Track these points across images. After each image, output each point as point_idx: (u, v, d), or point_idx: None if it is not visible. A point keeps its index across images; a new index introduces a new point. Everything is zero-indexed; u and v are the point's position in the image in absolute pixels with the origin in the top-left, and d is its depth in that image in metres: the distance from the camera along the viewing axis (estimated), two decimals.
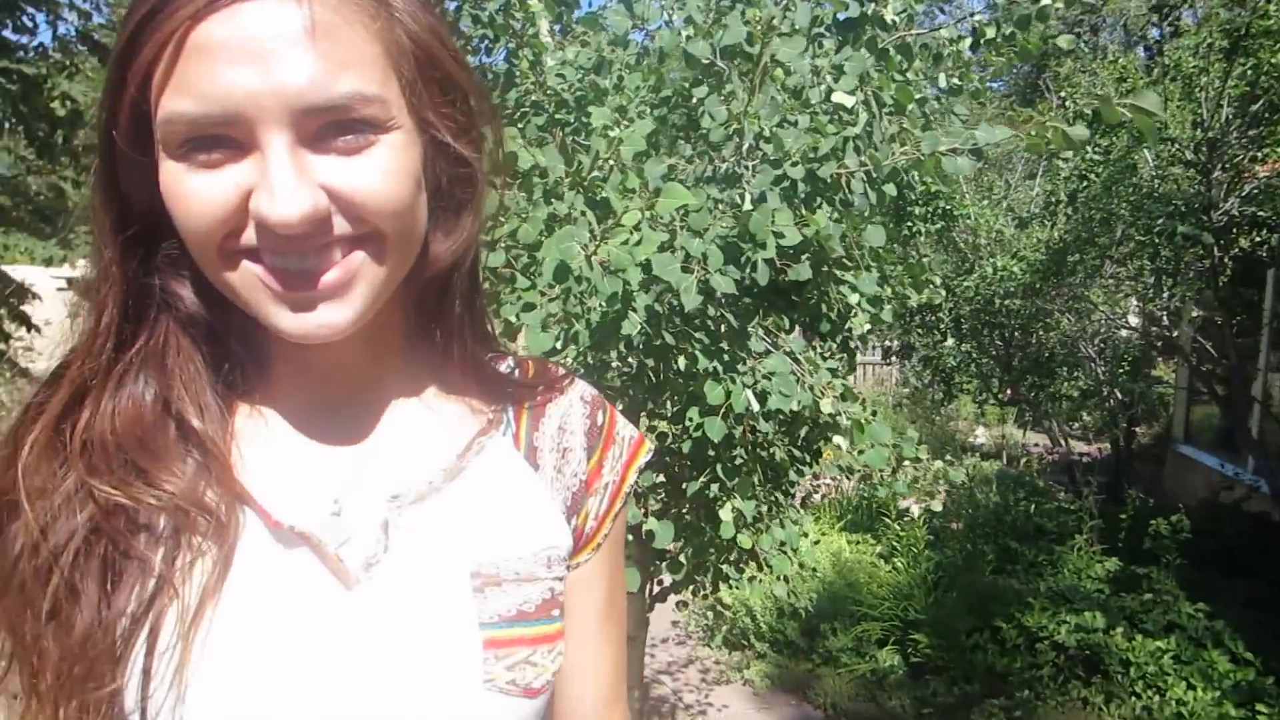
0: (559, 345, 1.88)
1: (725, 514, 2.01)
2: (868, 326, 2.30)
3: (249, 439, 0.67)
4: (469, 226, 0.69)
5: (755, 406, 1.89)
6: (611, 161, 1.74)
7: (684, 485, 2.25)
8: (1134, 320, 7.68)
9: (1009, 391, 7.56)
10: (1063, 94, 6.75)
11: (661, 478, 2.43)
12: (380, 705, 0.61)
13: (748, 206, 1.67)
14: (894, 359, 8.24)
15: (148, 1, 0.55)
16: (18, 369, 6.26)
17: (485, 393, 0.75)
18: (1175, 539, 5.00)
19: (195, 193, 0.56)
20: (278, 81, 0.54)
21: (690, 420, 2.04)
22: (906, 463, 2.17)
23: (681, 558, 2.37)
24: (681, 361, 1.99)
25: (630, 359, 2.21)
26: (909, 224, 4.25)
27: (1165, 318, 6.92)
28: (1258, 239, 5.97)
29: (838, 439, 2.16)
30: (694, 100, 1.90)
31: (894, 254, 2.55)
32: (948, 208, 4.78)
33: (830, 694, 4.51)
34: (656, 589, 2.73)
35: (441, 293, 0.71)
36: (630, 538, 2.26)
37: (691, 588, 2.56)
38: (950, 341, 7.00)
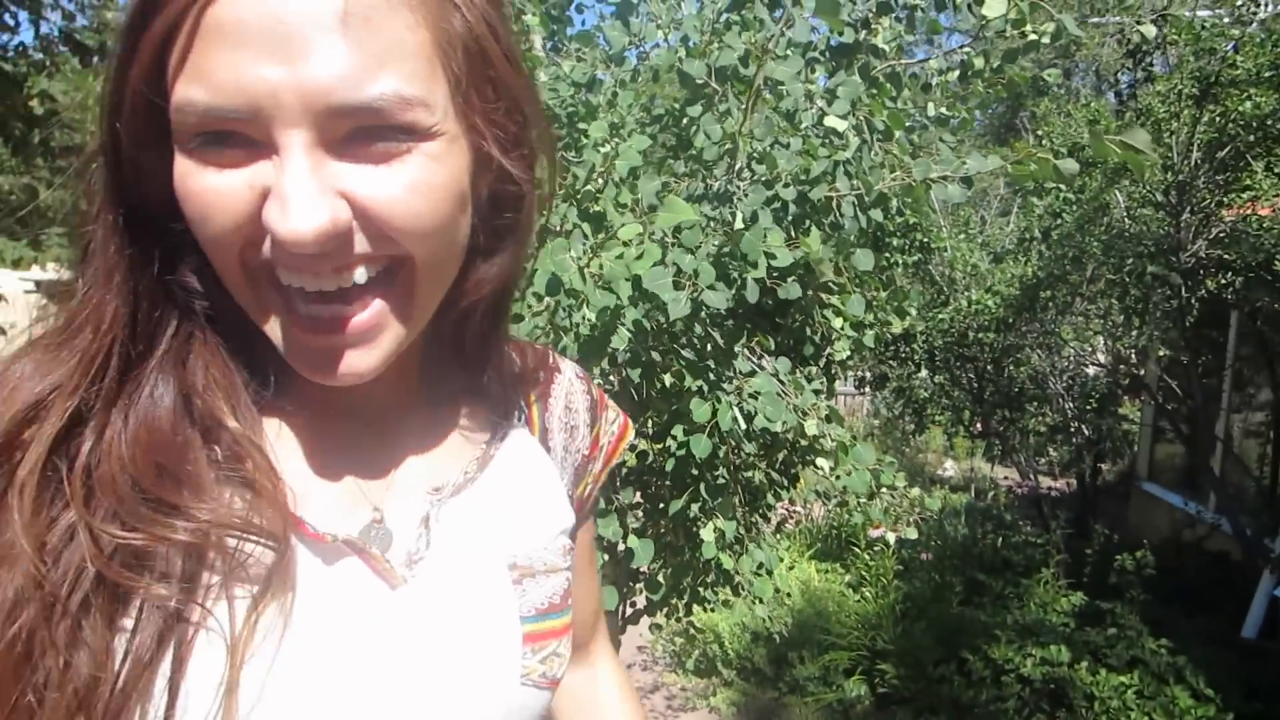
0: None
1: (707, 534, 2.01)
2: (849, 351, 2.33)
3: (279, 448, 0.60)
4: (511, 255, 0.63)
5: (742, 425, 1.89)
6: (605, 176, 1.74)
7: (663, 505, 2.25)
8: (1102, 358, 7.80)
9: (979, 425, 7.63)
10: (1039, 132, 6.89)
11: (640, 497, 2.42)
12: (423, 701, 0.59)
13: (739, 225, 1.68)
14: (867, 389, 8.28)
15: None
16: None
17: (501, 384, 0.73)
18: (1140, 575, 5.05)
19: (207, 192, 0.50)
20: (302, 76, 0.47)
21: (674, 438, 2.04)
22: (884, 489, 2.18)
23: (660, 578, 2.36)
24: (667, 378, 1.99)
25: (614, 375, 2.21)
26: (887, 255, 4.31)
27: (1133, 356, 7.03)
28: (1223, 281, 6.09)
29: (820, 461, 2.17)
30: (685, 120, 1.91)
31: (877, 280, 2.58)
32: (925, 240, 4.86)
33: None
34: (629, 611, 2.71)
35: (474, 319, 0.66)
36: (606, 557, 2.24)
37: (666, 610, 2.54)
38: (923, 373, 7.08)
